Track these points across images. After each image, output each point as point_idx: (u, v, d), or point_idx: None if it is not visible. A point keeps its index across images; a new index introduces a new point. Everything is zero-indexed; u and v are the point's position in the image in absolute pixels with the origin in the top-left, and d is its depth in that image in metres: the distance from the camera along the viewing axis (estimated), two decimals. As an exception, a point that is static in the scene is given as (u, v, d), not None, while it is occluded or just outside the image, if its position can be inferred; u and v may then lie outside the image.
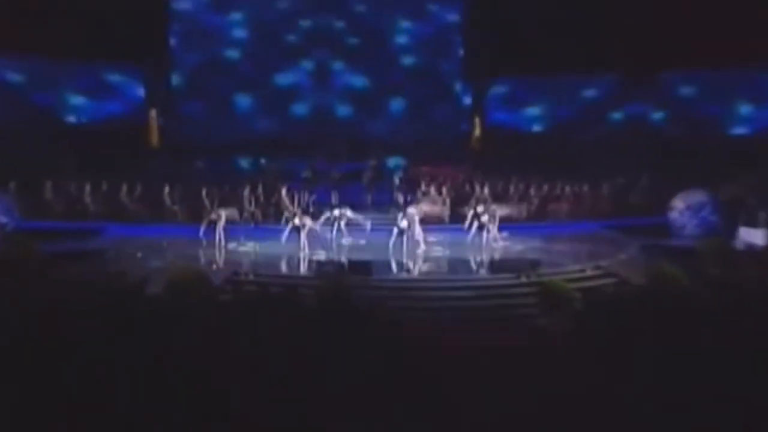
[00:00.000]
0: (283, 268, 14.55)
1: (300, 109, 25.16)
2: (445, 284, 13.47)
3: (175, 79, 24.74)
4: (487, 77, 25.12)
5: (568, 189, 20.94)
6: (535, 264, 13.69)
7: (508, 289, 12.99)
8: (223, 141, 23.97)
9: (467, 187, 19.13)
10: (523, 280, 13.16)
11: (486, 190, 20.16)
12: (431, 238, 17.78)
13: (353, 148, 23.67)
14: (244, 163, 23.94)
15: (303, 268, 14.03)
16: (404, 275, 13.89)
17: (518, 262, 13.99)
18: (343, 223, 16.86)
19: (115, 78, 23.67)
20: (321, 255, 15.40)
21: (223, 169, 23.19)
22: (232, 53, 25.07)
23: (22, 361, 5.15)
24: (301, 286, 11.98)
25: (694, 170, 19.43)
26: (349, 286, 11.02)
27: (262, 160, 22.30)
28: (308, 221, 15.90)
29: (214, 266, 13.52)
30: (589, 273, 13.57)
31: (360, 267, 13.58)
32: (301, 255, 15.26)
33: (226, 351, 6.04)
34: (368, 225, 16.38)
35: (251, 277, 13.33)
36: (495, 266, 13.86)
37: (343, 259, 14.25)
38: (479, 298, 12.67)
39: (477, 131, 25.87)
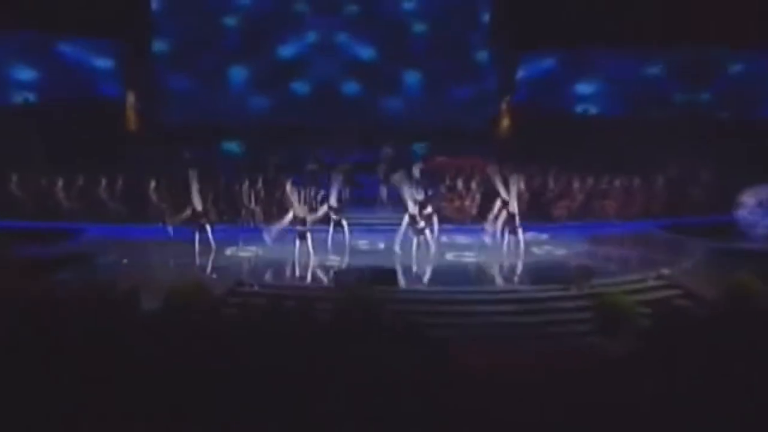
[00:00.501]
0: (293, 276, 14.52)
1: (302, 87, 25.01)
2: (482, 296, 13.30)
3: (157, 48, 24.39)
4: (518, 49, 25.01)
5: (617, 183, 20.72)
6: (586, 273, 13.50)
7: (556, 303, 12.82)
8: (214, 124, 23.81)
9: (499, 182, 18.90)
10: (575, 292, 12.98)
11: (522, 185, 19.95)
12: (461, 241, 17.77)
13: (364, 135, 23.58)
14: (236, 149, 23.74)
15: (316, 277, 14.05)
16: (435, 286, 13.69)
17: (567, 271, 13.80)
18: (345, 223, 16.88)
19: (81, 50, 23.48)
20: (334, 261, 15.31)
21: (214, 158, 23.10)
22: (228, 20, 24.80)
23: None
24: (316, 299, 12.25)
25: (762, 161, 19.29)
26: (375, 299, 11.17)
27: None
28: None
29: (214, 275, 13.42)
30: (650, 284, 13.37)
31: (384, 276, 13.46)
32: (311, 261, 15.24)
33: (234, 376, 5.96)
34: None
35: (257, 287, 13.19)
36: (540, 276, 13.69)
37: (360, 265, 14.24)
38: (524, 314, 12.50)
39: (506, 114, 25.69)
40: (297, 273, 14.68)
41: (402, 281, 13.51)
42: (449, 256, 16.06)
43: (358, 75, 25.13)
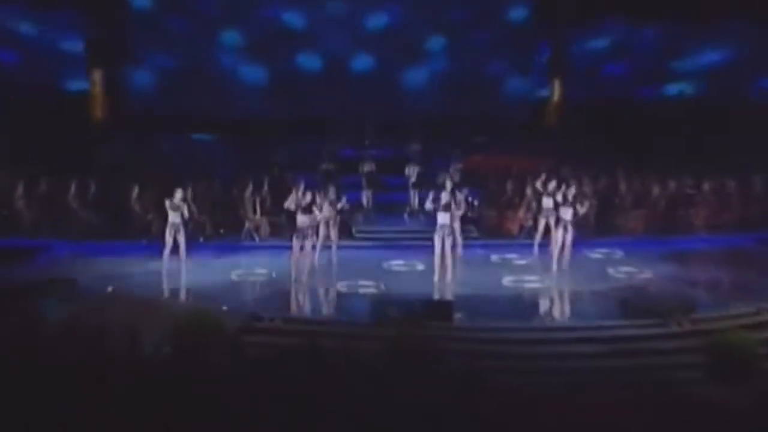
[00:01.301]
0: (321, 306, 14.69)
1: (309, 61, 25.10)
2: (558, 335, 13.30)
3: (132, 14, 24.36)
4: (573, 21, 25.03)
5: (706, 186, 20.76)
6: (687, 304, 13.50)
7: (652, 343, 12.80)
8: (201, 111, 23.78)
9: (557, 186, 18.84)
10: (675, 328, 12.97)
11: (587, 189, 19.98)
12: (514, 260, 17.89)
13: (386, 125, 23.65)
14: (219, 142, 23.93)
15: (350, 308, 14.35)
16: (499, 321, 13.71)
17: (661, 301, 13.79)
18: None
19: (36, 25, 23.48)
20: (367, 286, 15.44)
21: (202, 154, 23.10)
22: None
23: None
24: (355, 336, 12.30)
25: None
26: (427, 339, 11.01)
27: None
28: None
29: (224, 307, 13.48)
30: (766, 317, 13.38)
31: (436, 308, 13.48)
32: (338, 285, 15.36)
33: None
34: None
35: (279, 322, 13.24)
36: (628, 307, 13.66)
37: (405, 294, 14.57)
38: (611, 356, 12.48)
39: (556, 99, 25.73)
40: (324, 302, 14.83)
41: (458, 315, 13.47)
42: (507, 281, 16.07)
43: (376, 48, 25.10)
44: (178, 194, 16.13)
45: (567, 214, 16.75)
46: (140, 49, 24.46)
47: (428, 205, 16.15)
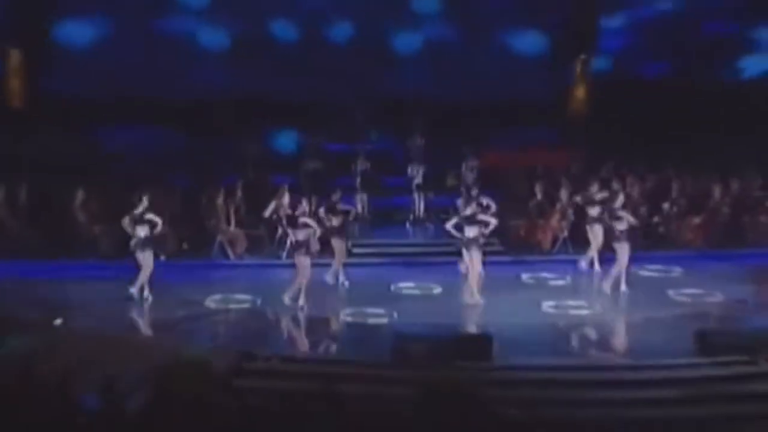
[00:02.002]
0: (325, 342, 14.72)
1: (283, 30, 24.96)
2: (624, 375, 13.13)
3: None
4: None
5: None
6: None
7: (742, 386, 12.65)
8: (147, 95, 23.41)
9: (599, 189, 18.68)
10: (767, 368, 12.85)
11: (634, 191, 19.88)
12: (555, 281, 17.89)
13: (381, 111, 23.50)
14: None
15: (362, 344, 14.43)
16: (548, 359, 13.55)
17: (747, 333, 13.67)
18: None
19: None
20: (378, 316, 15.37)
21: (156, 149, 22.73)
22: None
23: None
24: (374, 380, 12.13)
25: None
26: (467, 384, 10.93)
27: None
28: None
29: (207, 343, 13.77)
30: None
31: (471, 344, 13.34)
32: (342, 315, 15.43)
33: None
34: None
35: (277, 362, 13.09)
36: (705, 340, 13.50)
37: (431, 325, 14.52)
38: (690, 402, 12.28)
39: (582, 80, 25.66)
40: (329, 336, 14.91)
41: (497, 352, 13.29)
42: (547, 307, 15.96)
43: (365, 12, 24.93)
44: (144, 202, 15.91)
45: (619, 223, 16.54)
46: (68, 16, 23.90)
47: (449, 226, 16.20)
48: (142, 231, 15.83)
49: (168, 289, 16.48)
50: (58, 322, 14.51)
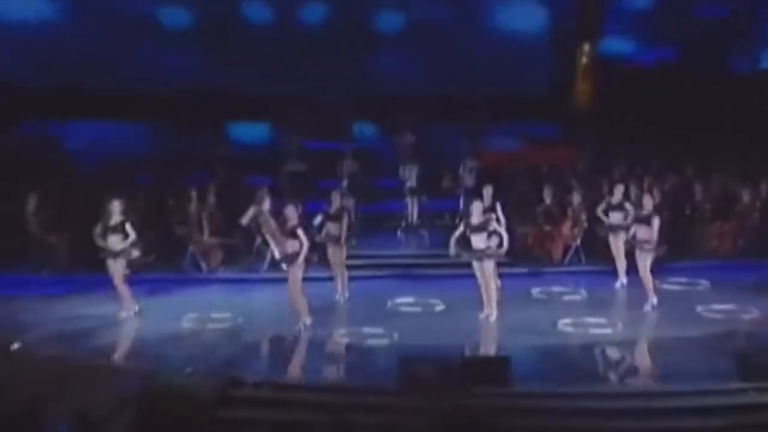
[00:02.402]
0: (320, 366, 14.53)
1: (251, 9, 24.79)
2: (659, 403, 12.98)
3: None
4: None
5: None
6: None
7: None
8: (104, 84, 23.16)
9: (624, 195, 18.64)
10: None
11: (655, 195, 19.77)
12: (569, 295, 17.92)
13: (360, 100, 23.54)
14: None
15: (363, 369, 14.21)
16: (576, 385, 13.39)
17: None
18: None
19: None
20: (376, 337, 15.27)
21: (113, 148, 22.62)
22: None
23: None
24: (380, 409, 11.97)
25: None
26: (480, 411, 11.03)
27: None
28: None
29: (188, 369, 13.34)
30: None
31: (486, 366, 13.21)
32: (335, 335, 15.38)
33: None
34: None
35: (268, 390, 12.94)
36: (748, 363, 13.43)
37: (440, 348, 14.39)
38: (735, 432, 12.27)
39: (588, 70, 25.82)
40: (324, 359, 14.82)
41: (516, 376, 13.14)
42: (564, 326, 15.89)
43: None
44: (116, 208, 15.77)
45: (643, 232, 16.53)
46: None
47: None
48: (116, 243, 15.69)
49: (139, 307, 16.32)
50: (15, 346, 14.18)
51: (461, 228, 16.19)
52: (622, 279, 18.04)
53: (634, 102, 23.99)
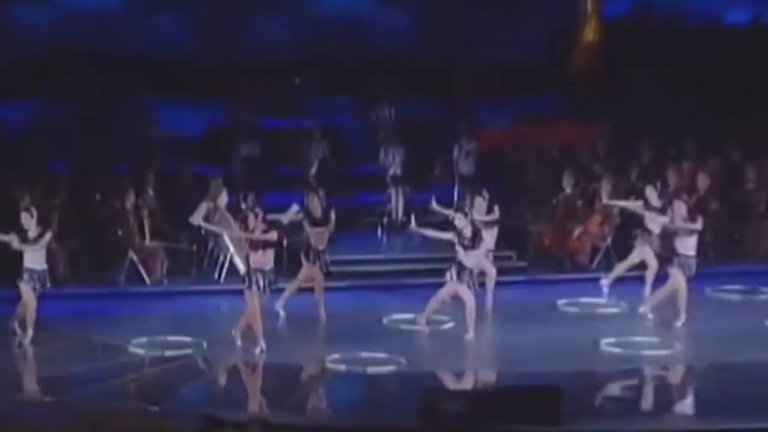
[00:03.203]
0: (314, 398, 14.63)
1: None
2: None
3: None
4: None
5: None
6: None
7: None
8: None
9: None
10: None
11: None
12: (605, 308, 17.87)
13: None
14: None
15: (370, 402, 14.44)
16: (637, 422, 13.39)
17: None
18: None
19: None
20: (379, 362, 15.16)
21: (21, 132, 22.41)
22: None
23: None
24: None
25: None
26: None
27: None
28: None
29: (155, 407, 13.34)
30: None
31: (532, 400, 13.07)
32: (327, 360, 15.23)
33: None
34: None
35: (256, 429, 12.67)
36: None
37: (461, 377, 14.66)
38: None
39: (592, 29, 26.02)
40: (317, 389, 14.92)
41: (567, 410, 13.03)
42: (606, 346, 15.88)
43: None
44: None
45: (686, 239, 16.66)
46: None
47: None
48: (37, 261, 15.66)
49: (67, 329, 16.39)
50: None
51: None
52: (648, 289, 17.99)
53: (656, 65, 24.06)
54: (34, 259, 15.55)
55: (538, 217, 20.32)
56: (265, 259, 15.41)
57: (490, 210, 17.59)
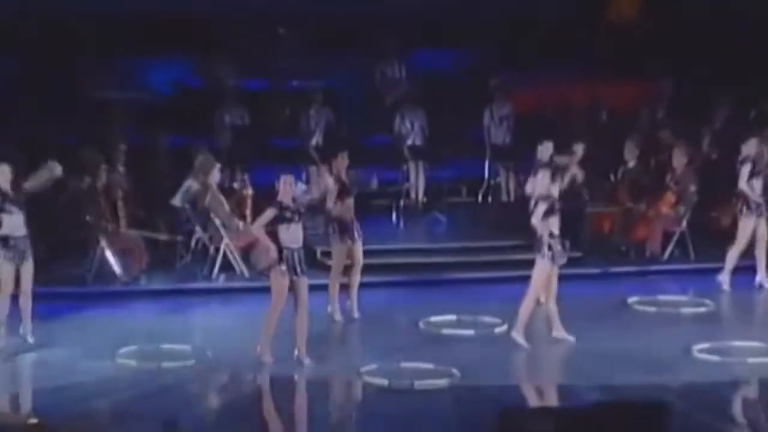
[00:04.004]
0: (361, 423, 14.67)
1: None
2: None
3: None
4: None
5: None
6: None
7: None
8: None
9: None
10: None
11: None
12: (689, 306, 18.00)
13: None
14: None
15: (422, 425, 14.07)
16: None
17: None
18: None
19: None
20: (428, 374, 15.12)
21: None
22: None
23: None
24: None
25: None
26: None
27: None
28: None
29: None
30: None
31: (627, 418, 12.98)
32: (361, 371, 15.25)
33: None
34: None
35: None
36: None
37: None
38: None
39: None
40: (356, 409, 15.00)
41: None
42: (701, 353, 15.88)
43: None
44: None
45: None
46: None
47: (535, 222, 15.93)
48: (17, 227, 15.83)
49: (41, 334, 16.39)
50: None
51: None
52: (763, 277, 18.30)
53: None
54: None
55: (595, 198, 20.22)
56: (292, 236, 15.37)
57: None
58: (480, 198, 21.98)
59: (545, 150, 17.75)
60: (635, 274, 19.31)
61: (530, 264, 16.36)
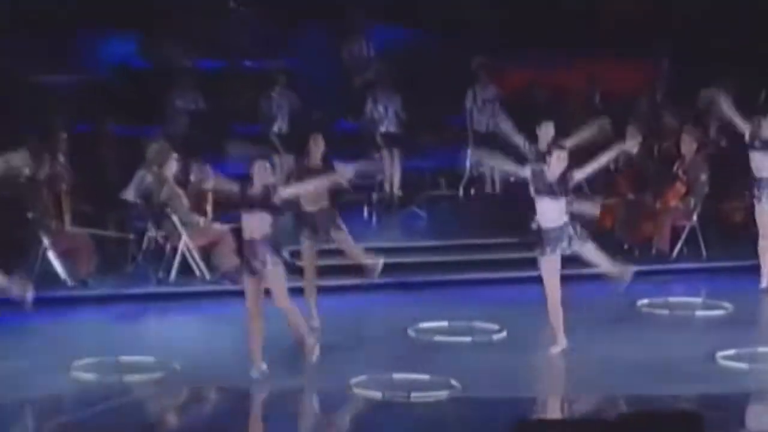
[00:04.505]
0: None
1: None
2: None
3: None
4: None
5: None
6: None
7: None
8: None
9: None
10: None
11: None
12: (705, 309, 18.08)
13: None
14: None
15: None
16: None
17: None
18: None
19: None
20: (424, 387, 15.14)
21: None
22: None
23: None
24: None
25: None
26: None
27: None
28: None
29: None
30: None
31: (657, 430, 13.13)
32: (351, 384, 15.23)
33: None
34: None
35: None
36: None
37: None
38: None
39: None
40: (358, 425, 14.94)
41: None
42: (727, 360, 16.00)
43: None
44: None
45: None
46: None
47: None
48: None
49: None
50: None
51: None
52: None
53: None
54: None
55: (592, 188, 20.22)
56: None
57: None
58: (462, 191, 21.98)
59: (546, 132, 17.79)
60: (641, 275, 18.88)
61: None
